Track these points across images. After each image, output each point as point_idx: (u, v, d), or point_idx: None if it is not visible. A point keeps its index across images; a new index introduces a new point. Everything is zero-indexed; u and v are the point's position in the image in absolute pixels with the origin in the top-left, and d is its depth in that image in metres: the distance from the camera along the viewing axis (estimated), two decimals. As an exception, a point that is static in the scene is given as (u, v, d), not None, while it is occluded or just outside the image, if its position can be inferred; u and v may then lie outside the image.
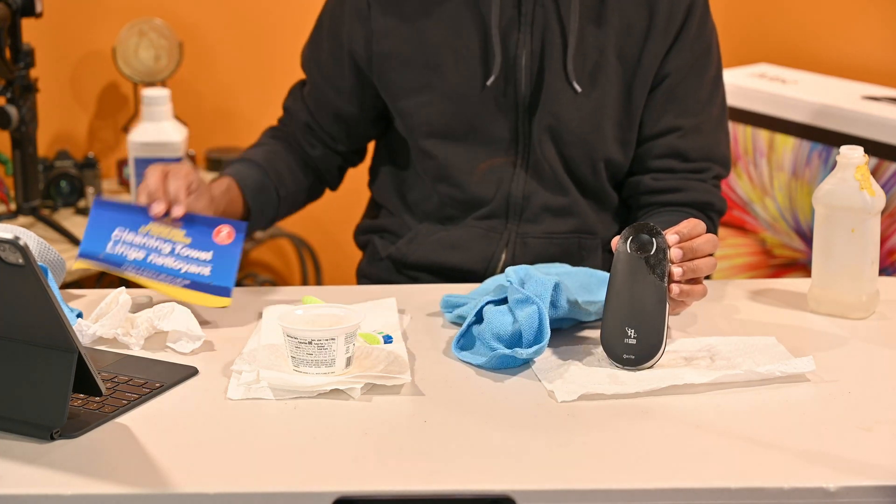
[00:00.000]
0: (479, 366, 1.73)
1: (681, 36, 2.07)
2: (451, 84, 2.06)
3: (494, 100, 2.06)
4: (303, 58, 2.21)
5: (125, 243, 1.94)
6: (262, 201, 2.13)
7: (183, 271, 1.92)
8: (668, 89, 2.08)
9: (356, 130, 2.19)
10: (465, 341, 1.78)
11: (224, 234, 1.94)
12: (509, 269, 1.80)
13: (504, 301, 1.79)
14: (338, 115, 2.16)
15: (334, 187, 2.27)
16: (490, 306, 1.78)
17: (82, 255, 1.93)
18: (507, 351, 1.70)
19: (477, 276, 2.11)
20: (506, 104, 2.06)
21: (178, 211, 1.92)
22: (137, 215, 1.95)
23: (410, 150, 2.14)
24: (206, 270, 1.92)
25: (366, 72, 2.12)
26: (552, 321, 1.77)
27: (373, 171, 2.25)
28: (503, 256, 2.11)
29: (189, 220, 1.95)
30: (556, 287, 1.77)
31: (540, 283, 1.76)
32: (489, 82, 2.05)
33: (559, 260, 2.10)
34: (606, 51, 2.05)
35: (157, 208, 1.92)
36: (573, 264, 2.03)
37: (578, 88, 2.04)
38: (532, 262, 2.07)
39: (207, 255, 1.93)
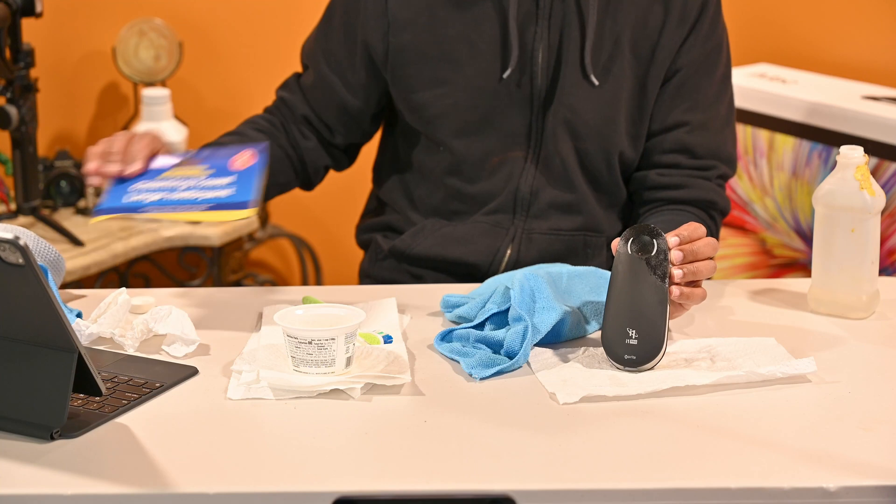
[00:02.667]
0: (452, 358, 1.74)
1: (694, 31, 2.08)
2: (468, 77, 2.06)
3: (510, 93, 2.06)
4: (306, 49, 2.18)
5: (143, 191, 1.86)
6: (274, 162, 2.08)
7: (202, 199, 1.84)
8: (678, 84, 2.09)
9: (356, 125, 2.17)
10: (450, 335, 1.79)
11: (245, 157, 1.86)
12: (520, 278, 1.79)
13: (506, 312, 1.79)
14: (342, 108, 2.14)
15: (310, 187, 2.22)
16: (489, 328, 1.79)
17: (98, 211, 1.86)
18: (488, 350, 1.73)
19: (481, 271, 2.11)
20: (521, 98, 2.07)
21: (134, 167, 1.86)
22: (157, 168, 1.88)
23: (420, 145, 2.14)
24: (227, 192, 1.84)
25: (379, 65, 2.11)
26: (548, 336, 1.77)
27: (377, 170, 2.24)
28: (508, 252, 2.11)
29: (211, 156, 1.88)
30: (562, 321, 1.77)
31: (547, 312, 1.76)
32: (505, 75, 2.05)
33: (564, 257, 2.10)
34: (621, 43, 2.06)
35: (112, 169, 1.86)
36: (578, 262, 2.03)
37: (596, 82, 2.05)
38: (537, 259, 2.07)
39: (229, 180, 1.85)
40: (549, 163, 2.09)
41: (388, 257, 2.17)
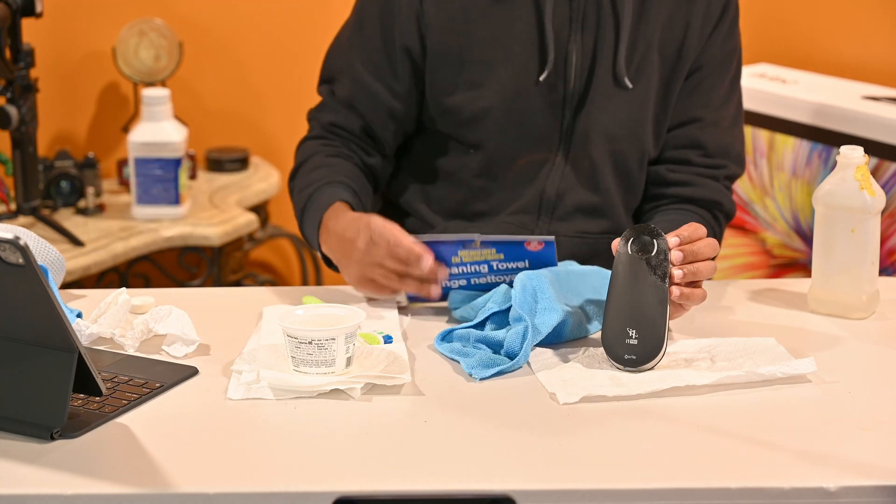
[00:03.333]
0: (452, 358, 1.74)
1: (715, 31, 2.10)
2: (502, 80, 2.06)
3: (544, 96, 2.06)
4: (335, 63, 2.14)
5: (446, 284, 1.89)
6: None
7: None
8: (695, 82, 2.11)
9: (402, 128, 2.13)
10: (451, 335, 1.79)
11: (534, 243, 1.88)
12: (522, 277, 1.78)
13: (507, 311, 1.79)
14: (390, 114, 2.11)
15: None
16: (489, 328, 1.78)
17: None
18: (488, 350, 1.73)
19: None
20: (555, 100, 2.06)
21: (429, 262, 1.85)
22: (445, 251, 1.88)
23: (445, 147, 2.11)
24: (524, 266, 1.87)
25: (421, 67, 2.10)
26: (549, 336, 1.77)
27: (393, 178, 2.21)
28: (533, 254, 2.10)
29: (494, 242, 1.88)
30: (564, 321, 1.77)
31: (548, 312, 1.75)
32: (542, 78, 2.05)
33: (589, 260, 2.07)
34: (652, 45, 2.07)
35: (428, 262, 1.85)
36: (602, 265, 2.00)
37: (630, 85, 2.05)
38: (560, 261, 2.06)
39: (523, 264, 1.87)
40: (578, 165, 2.09)
41: None
